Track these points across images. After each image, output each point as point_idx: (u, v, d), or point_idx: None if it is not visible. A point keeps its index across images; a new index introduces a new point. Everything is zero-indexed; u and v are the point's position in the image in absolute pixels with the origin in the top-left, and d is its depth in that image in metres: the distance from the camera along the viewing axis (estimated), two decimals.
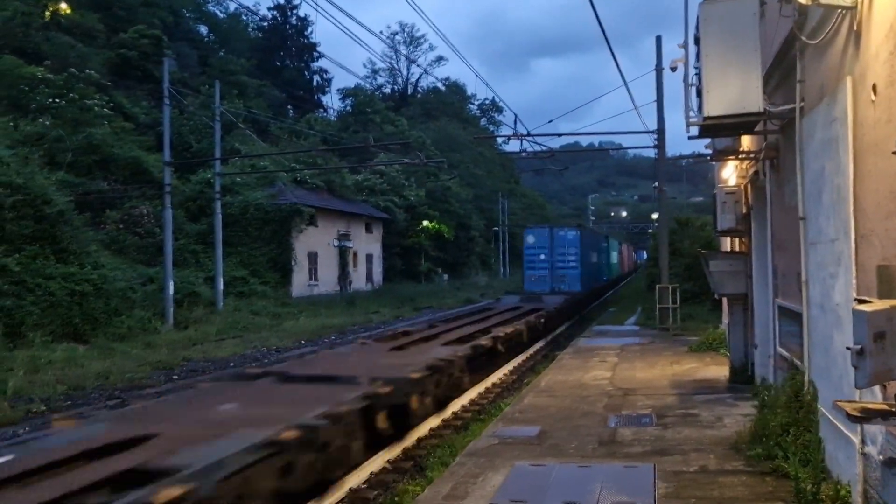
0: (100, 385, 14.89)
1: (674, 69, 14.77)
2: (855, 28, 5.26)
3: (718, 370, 13.00)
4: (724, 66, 7.32)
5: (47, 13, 37.83)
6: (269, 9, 56.28)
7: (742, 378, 11.60)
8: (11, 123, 27.42)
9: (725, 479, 6.63)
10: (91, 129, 29.80)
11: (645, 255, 74.83)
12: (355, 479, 7.88)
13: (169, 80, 26.12)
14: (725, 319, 14.52)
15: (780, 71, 7.95)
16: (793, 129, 7.21)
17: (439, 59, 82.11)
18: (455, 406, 11.78)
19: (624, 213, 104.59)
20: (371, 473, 8.25)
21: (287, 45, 58.35)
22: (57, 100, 29.48)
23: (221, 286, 28.28)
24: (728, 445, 7.76)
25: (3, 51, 31.78)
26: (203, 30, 55.45)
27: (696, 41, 7.86)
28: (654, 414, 9.62)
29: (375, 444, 8.27)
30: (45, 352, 17.25)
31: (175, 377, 16.21)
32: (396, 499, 7.37)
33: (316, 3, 16.49)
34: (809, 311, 6.84)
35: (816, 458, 6.14)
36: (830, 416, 6.01)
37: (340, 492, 7.49)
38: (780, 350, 8.70)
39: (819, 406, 6.46)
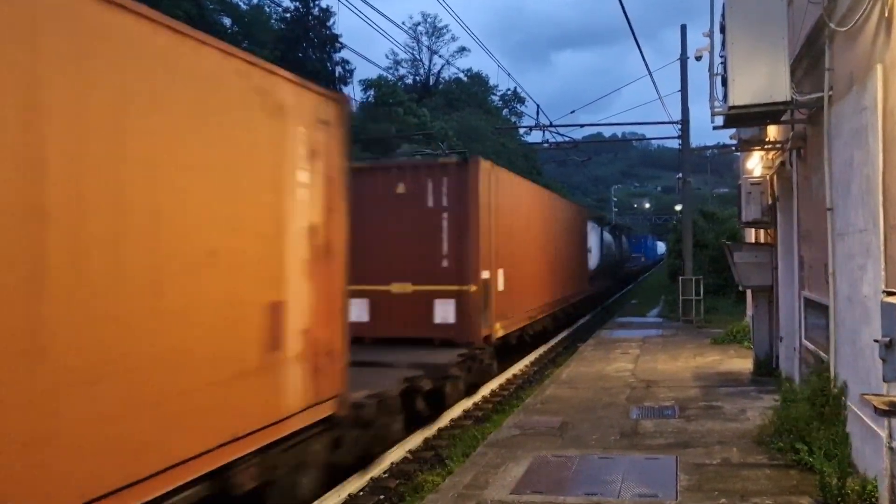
0: None
1: (699, 58, 14.57)
2: (886, 15, 5.14)
3: (742, 363, 12.87)
4: (751, 54, 7.21)
5: None
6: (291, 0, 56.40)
7: (766, 371, 11.48)
8: None
9: (749, 472, 6.58)
10: None
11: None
12: (376, 469, 7.93)
13: None
14: (750, 312, 14.35)
15: (809, 59, 7.81)
16: (821, 119, 7.09)
17: (462, 49, 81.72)
18: (476, 397, 11.80)
19: (647, 205, 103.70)
20: (392, 463, 8.30)
21: (310, 36, 58.50)
22: None
23: None
24: (751, 438, 7.69)
25: None
26: (227, 21, 55.77)
27: (722, 29, 7.75)
28: (676, 406, 9.56)
29: None
30: None
31: None
32: (417, 488, 7.40)
33: None
34: (836, 303, 6.74)
35: (842, 452, 6.06)
36: (857, 410, 5.92)
37: (361, 481, 7.55)
38: (806, 343, 8.59)
39: (846, 400, 6.37)
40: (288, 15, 58.16)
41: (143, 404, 4.26)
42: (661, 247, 74.37)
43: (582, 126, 25.52)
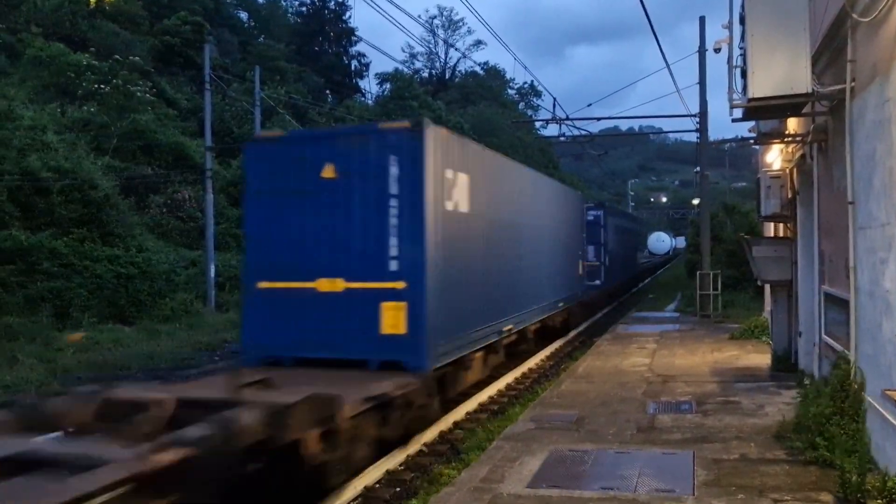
0: (145, 365, 15.28)
1: (717, 50, 14.46)
2: None
3: (760, 358, 12.77)
4: (771, 45, 7.13)
5: (93, 0, 38.54)
6: None
7: (785, 366, 11.38)
8: (59, 110, 28.11)
9: (767, 467, 6.52)
10: (135, 115, 30.40)
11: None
12: (392, 462, 7.96)
13: (210, 67, 26.47)
14: (768, 307, 14.22)
15: (830, 50, 7.70)
16: (842, 111, 7.00)
17: (478, 42, 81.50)
18: (492, 390, 11.80)
19: (664, 199, 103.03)
20: (407, 456, 8.32)
21: (325, 30, 58.63)
22: (102, 86, 30.10)
23: None
24: (770, 434, 7.63)
25: (51, 39, 32.52)
26: (243, 16, 56.02)
27: (742, 21, 7.67)
28: (693, 401, 9.50)
29: None
30: (93, 332, 17.75)
31: (217, 358, 16.55)
32: (431, 482, 7.41)
33: None
34: (857, 297, 6.66)
35: (862, 448, 6.00)
36: (878, 406, 5.86)
37: (378, 472, 7.58)
38: (826, 338, 8.50)
39: (866, 395, 6.30)
40: (304, 9, 58.13)
41: None
42: (663, 242, 62.47)
43: (598, 119, 25.27)
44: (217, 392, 6.54)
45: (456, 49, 72.09)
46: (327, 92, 55.71)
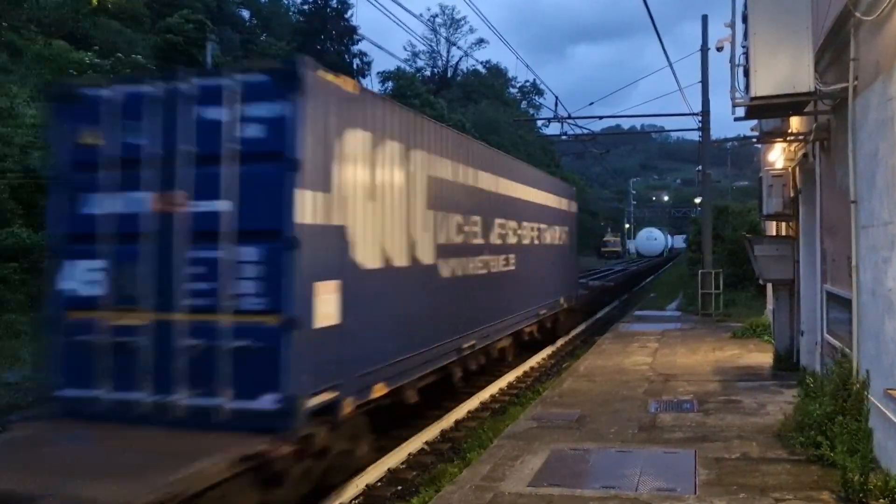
0: None
1: (720, 49, 14.41)
2: None
3: (762, 357, 12.76)
4: (774, 44, 7.12)
5: None
6: None
7: (787, 365, 11.37)
8: None
9: (768, 466, 6.52)
10: None
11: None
12: (394, 460, 7.96)
13: (212, 65, 26.49)
14: (770, 305, 14.21)
15: (833, 49, 7.68)
16: (845, 110, 6.99)
17: (480, 41, 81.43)
18: (493, 389, 11.80)
19: (666, 197, 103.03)
20: (409, 454, 8.33)
21: (327, 28, 58.59)
22: None
23: None
24: (771, 433, 7.63)
25: (54, 37, 32.51)
26: (245, 14, 56.02)
27: (744, 19, 7.66)
28: (695, 400, 9.49)
29: None
30: None
31: None
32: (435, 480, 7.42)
33: None
34: (860, 296, 6.65)
35: (864, 447, 5.98)
36: (880, 405, 5.85)
37: (379, 471, 7.58)
38: (828, 337, 8.49)
39: (868, 394, 6.29)
40: (306, 7, 58.14)
41: None
42: (655, 241, 57.01)
43: (600, 118, 25.14)
44: None
45: (458, 47, 71.99)
46: None
